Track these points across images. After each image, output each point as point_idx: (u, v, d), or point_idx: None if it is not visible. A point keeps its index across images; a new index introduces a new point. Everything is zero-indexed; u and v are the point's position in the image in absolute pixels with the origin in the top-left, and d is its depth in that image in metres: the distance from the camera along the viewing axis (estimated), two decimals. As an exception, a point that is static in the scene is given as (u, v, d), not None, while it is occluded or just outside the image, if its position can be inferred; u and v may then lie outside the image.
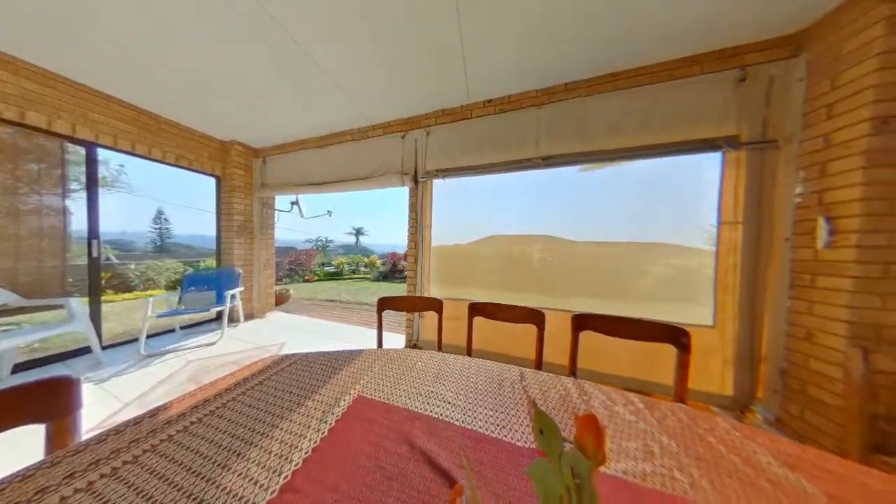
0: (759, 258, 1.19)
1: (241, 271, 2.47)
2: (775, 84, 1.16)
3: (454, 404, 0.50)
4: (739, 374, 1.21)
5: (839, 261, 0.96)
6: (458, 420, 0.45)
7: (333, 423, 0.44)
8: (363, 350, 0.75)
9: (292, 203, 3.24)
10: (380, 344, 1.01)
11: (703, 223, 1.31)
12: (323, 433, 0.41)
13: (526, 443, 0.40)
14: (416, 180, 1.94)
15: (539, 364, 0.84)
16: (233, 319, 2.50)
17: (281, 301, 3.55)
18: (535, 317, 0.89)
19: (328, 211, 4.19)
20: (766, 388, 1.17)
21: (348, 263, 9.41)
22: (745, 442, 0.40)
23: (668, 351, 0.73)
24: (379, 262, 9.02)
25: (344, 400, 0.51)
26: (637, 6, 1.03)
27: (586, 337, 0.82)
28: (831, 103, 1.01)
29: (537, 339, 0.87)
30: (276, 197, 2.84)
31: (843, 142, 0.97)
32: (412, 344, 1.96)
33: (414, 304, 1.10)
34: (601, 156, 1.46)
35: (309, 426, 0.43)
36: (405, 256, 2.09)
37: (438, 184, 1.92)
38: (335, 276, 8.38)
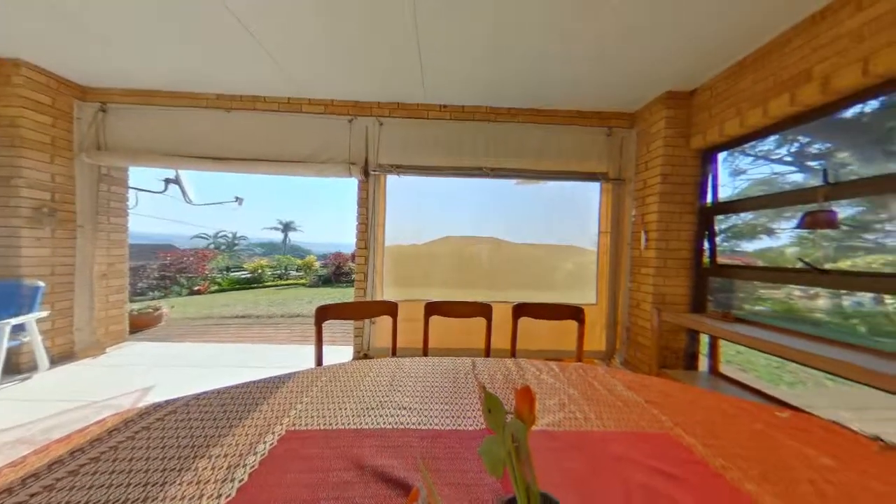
0: (617, 256, 1.79)
1: (42, 285, 1.46)
2: (624, 143, 1.78)
3: (410, 408, 0.48)
4: (608, 335, 1.80)
5: (649, 257, 1.58)
6: (414, 423, 0.44)
7: (246, 479, 0.33)
8: (295, 373, 0.60)
9: (168, 181, 2.23)
10: (319, 362, 0.85)
11: (591, 232, 1.86)
12: (229, 497, 0.30)
13: (479, 426, 0.43)
14: (366, 173, 1.74)
15: (488, 351, 0.94)
16: (20, 369, 1.46)
17: (144, 325, 2.38)
18: (484, 310, 0.98)
19: (237, 198, 3.12)
20: (621, 341, 1.77)
21: (272, 267, 7.37)
22: (610, 379, 0.60)
23: (573, 325, 0.98)
24: (318, 263, 7.51)
25: (263, 444, 0.38)
26: (547, 71, 1.37)
27: (523, 322, 1.00)
28: (646, 161, 1.66)
29: (486, 330, 0.97)
30: (135, 170, 1.88)
31: (651, 185, 1.60)
32: (362, 354, 1.76)
33: (364, 310, 0.99)
34: (531, 174, 1.80)
35: (202, 497, 0.30)
36: (353, 257, 1.84)
37: (393, 180, 1.81)
38: (250, 283, 6.35)
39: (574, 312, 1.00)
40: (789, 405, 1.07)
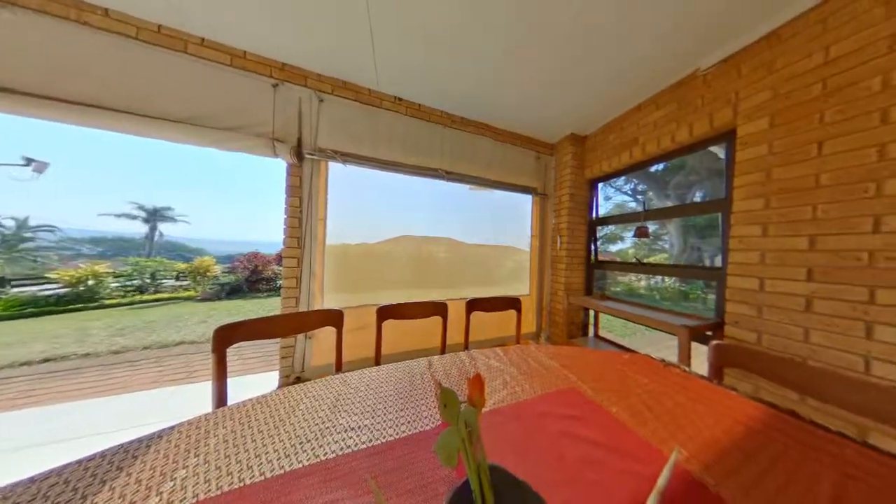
0: (543, 255, 2.25)
1: None
2: (547, 166, 2.25)
3: (359, 427, 0.43)
4: (537, 318, 2.23)
5: (562, 256, 2.08)
6: (364, 442, 0.39)
7: None
8: (179, 425, 0.42)
9: None
10: (222, 401, 0.62)
11: (526, 235, 2.25)
12: None
13: (435, 423, 0.44)
14: (300, 155, 1.42)
15: (444, 348, 0.96)
16: None
17: None
18: (440, 309, 1.00)
19: (29, 161, 1.82)
20: (545, 323, 2.23)
21: (123, 275, 4.78)
22: (537, 353, 0.75)
23: (513, 313, 1.16)
24: (218, 268, 5.42)
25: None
26: (493, 93, 1.56)
27: (475, 316, 1.09)
28: (560, 182, 2.17)
29: (442, 329, 0.99)
30: None
31: (563, 201, 2.11)
32: (293, 379, 1.42)
33: (297, 324, 0.80)
34: (482, 181, 1.99)
35: None
36: (279, 258, 1.44)
37: (338, 170, 1.56)
38: (69, 303, 3.88)
39: (514, 303, 1.19)
40: (628, 349, 1.69)
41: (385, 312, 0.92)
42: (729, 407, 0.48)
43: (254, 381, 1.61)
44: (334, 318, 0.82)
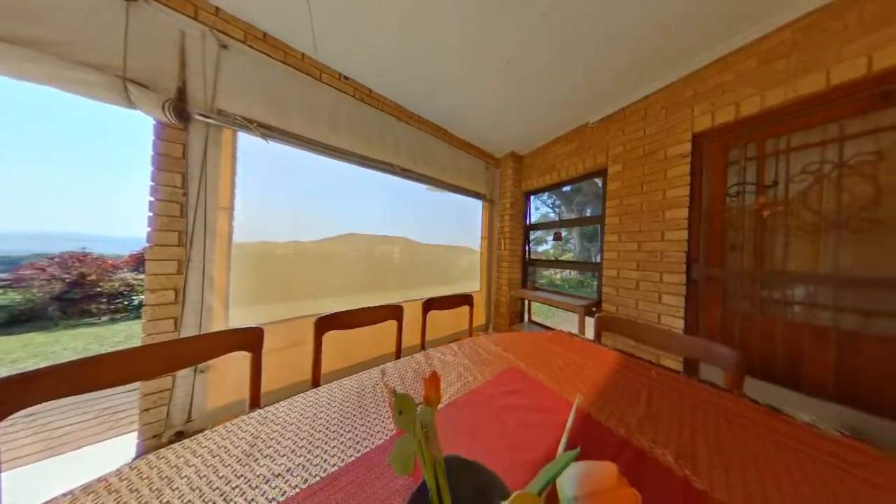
0: (491, 255, 2.52)
1: None
2: (494, 176, 2.55)
3: (288, 470, 0.34)
4: (487, 312, 2.48)
5: (505, 255, 2.40)
6: (298, 484, 0.32)
7: None
8: None
9: None
10: None
11: (477, 236, 2.47)
12: None
13: (390, 433, 0.41)
14: (182, 114, 0.99)
15: (399, 353, 0.90)
16: None
17: None
18: (395, 312, 0.93)
19: None
20: (493, 314, 2.52)
21: None
22: (486, 343, 0.83)
23: (466, 309, 1.24)
24: None
25: None
26: (444, 96, 1.63)
27: (431, 315, 1.09)
28: (503, 190, 2.50)
29: (397, 333, 0.93)
30: None
31: (506, 208, 2.43)
32: (170, 437, 0.97)
33: (181, 355, 0.56)
34: (438, 183, 2.02)
35: None
36: (138, 260, 0.96)
37: (254, 146, 1.19)
38: None
39: (467, 299, 1.27)
40: (550, 328, 2.17)
41: (326, 323, 0.77)
42: (606, 359, 0.70)
43: (89, 454, 0.99)
44: (249, 340, 0.62)
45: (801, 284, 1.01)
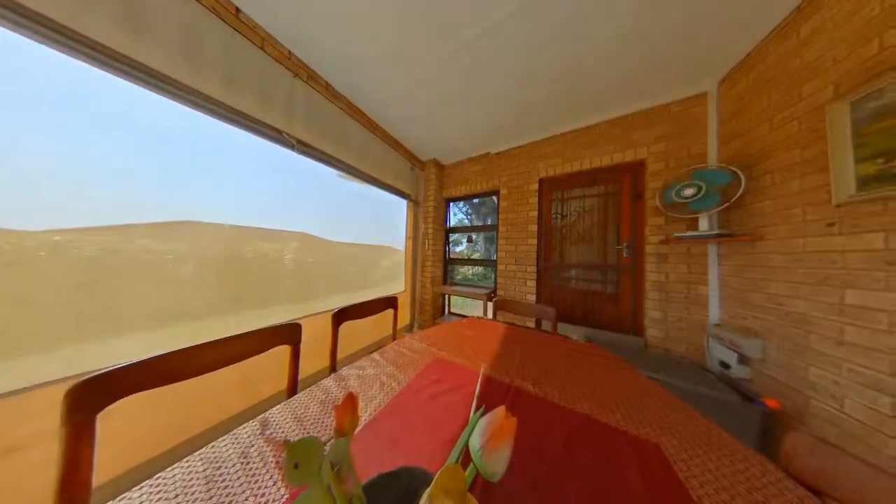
0: (415, 255, 2.60)
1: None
2: (419, 179, 2.66)
3: None
4: (412, 311, 2.52)
5: (428, 255, 2.57)
6: None
7: None
8: None
9: None
10: None
11: (401, 236, 2.44)
12: None
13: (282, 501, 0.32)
14: None
15: (294, 388, 0.66)
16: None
17: None
18: (289, 336, 0.66)
19: None
20: (418, 313, 2.60)
21: None
22: (411, 342, 0.87)
23: (390, 312, 1.19)
24: None
25: None
26: (366, 78, 1.53)
27: (345, 327, 0.87)
28: (427, 194, 2.66)
29: (291, 362, 0.66)
30: None
31: (429, 211, 2.61)
32: None
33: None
34: (353, 171, 1.76)
35: None
36: None
37: None
38: None
39: (391, 302, 1.19)
40: (465, 316, 2.62)
41: (104, 390, 0.40)
42: (499, 331, 0.97)
43: None
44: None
45: (574, 269, 1.94)
